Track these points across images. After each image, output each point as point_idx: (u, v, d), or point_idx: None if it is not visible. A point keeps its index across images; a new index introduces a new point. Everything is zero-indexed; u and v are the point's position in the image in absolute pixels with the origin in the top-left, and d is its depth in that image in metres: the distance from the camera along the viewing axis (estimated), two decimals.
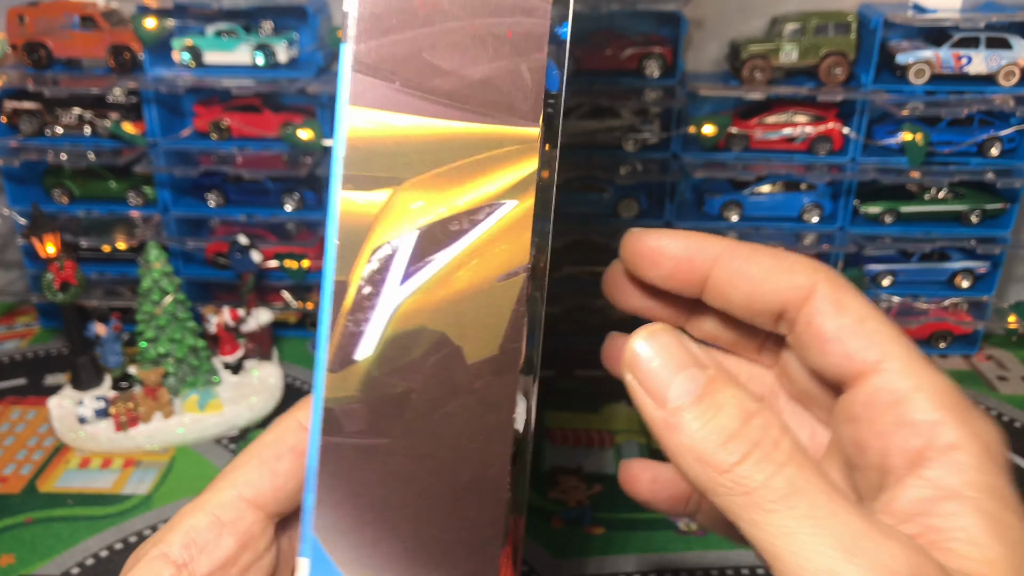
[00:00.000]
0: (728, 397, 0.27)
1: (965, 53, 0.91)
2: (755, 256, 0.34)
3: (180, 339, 0.89)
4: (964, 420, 0.28)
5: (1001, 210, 0.98)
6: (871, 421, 0.30)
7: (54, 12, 0.96)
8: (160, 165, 0.97)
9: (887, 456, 0.29)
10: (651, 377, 0.28)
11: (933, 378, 0.30)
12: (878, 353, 0.30)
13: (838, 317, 0.31)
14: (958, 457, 0.28)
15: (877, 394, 0.30)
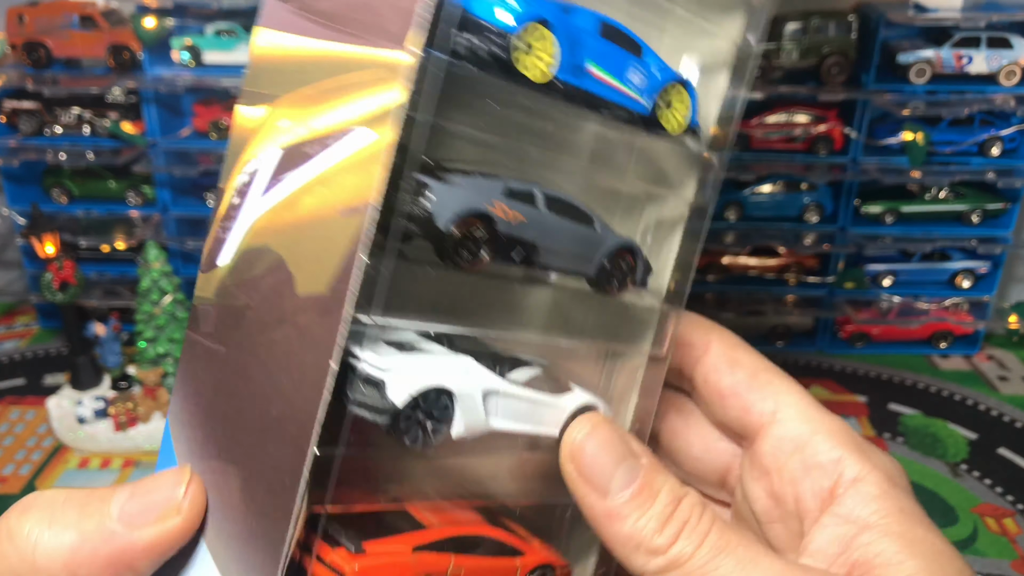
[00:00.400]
0: (661, 483, 0.31)
1: (966, 53, 0.91)
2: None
3: (179, 339, 0.89)
4: (863, 454, 0.32)
5: (1002, 210, 0.98)
6: (779, 470, 0.33)
7: (53, 12, 0.96)
8: (159, 165, 0.97)
9: (801, 501, 0.32)
10: (593, 470, 0.31)
11: (828, 420, 0.33)
12: (773, 404, 0.33)
13: (732, 373, 0.35)
14: (863, 488, 0.31)
15: (780, 443, 0.33)
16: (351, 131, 0.27)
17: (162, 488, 0.29)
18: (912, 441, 0.89)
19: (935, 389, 0.98)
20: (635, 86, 0.33)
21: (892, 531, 0.29)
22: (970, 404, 0.95)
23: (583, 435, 0.31)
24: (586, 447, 0.31)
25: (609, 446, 0.31)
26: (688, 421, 0.37)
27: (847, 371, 1.00)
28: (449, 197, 0.30)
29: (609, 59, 0.32)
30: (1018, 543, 0.75)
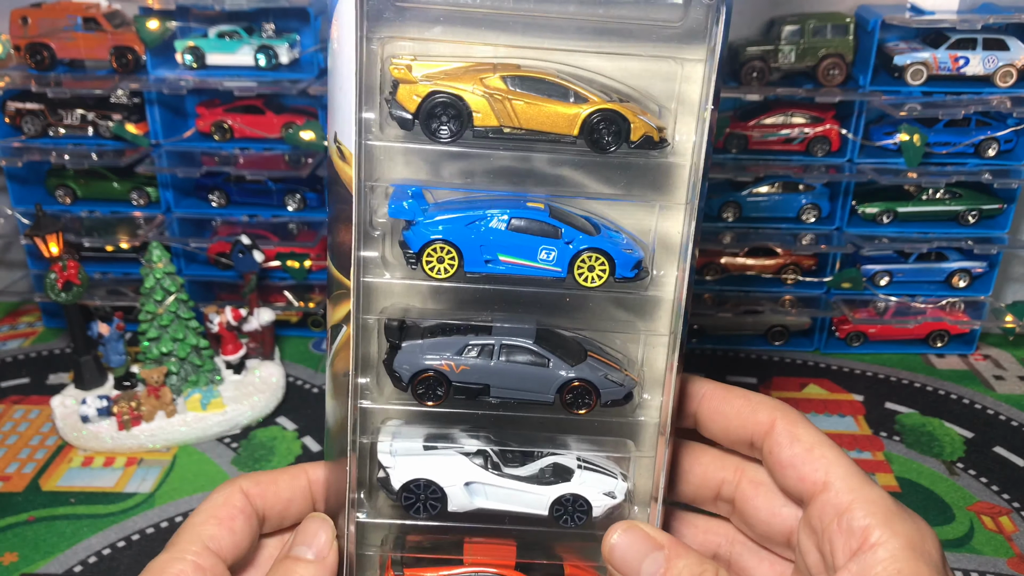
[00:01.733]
0: (681, 568, 0.39)
1: (962, 54, 0.91)
2: (728, 397, 0.43)
3: (182, 338, 0.90)
4: (890, 522, 0.38)
5: (998, 210, 0.98)
6: (824, 531, 0.40)
7: (57, 14, 0.97)
8: (163, 166, 0.98)
9: (835, 557, 0.39)
10: (624, 567, 0.40)
11: (868, 491, 0.39)
12: (824, 474, 0.40)
13: (792, 447, 0.42)
14: (878, 552, 0.37)
15: (825, 508, 0.40)
16: None
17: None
18: (908, 440, 0.89)
19: (931, 388, 0.98)
20: (547, 260, 0.43)
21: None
22: (966, 403, 0.95)
23: (615, 539, 0.40)
24: (615, 550, 0.40)
25: (635, 545, 0.40)
26: (759, 490, 0.45)
27: (844, 370, 1.01)
28: (409, 356, 0.44)
29: (517, 247, 0.43)
30: (1014, 541, 0.76)
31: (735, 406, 0.44)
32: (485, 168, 0.41)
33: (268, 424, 0.92)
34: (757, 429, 0.42)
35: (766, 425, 0.42)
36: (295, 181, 1.01)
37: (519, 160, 0.41)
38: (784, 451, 0.41)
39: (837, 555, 0.38)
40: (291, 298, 1.05)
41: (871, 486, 0.39)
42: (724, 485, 0.44)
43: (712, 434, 0.45)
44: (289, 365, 1.02)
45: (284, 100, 1.02)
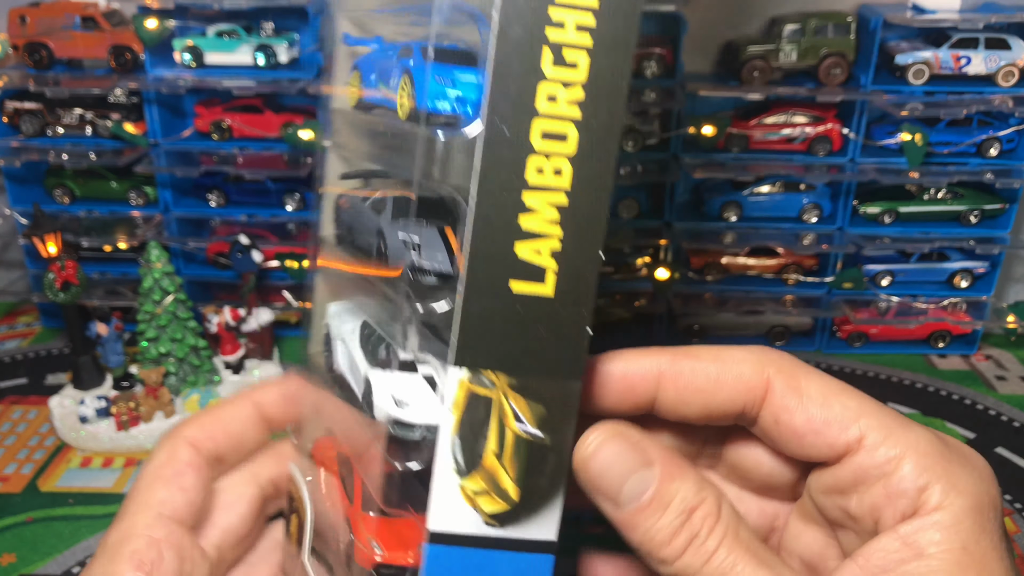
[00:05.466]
0: (673, 493, 0.30)
1: (964, 54, 0.91)
2: (698, 368, 0.33)
3: (181, 339, 0.89)
4: (949, 479, 0.29)
5: (1000, 210, 0.98)
6: (861, 495, 0.31)
7: (55, 13, 0.96)
8: (161, 165, 0.97)
9: (880, 521, 0.30)
10: (601, 483, 0.31)
11: (915, 439, 0.30)
12: (856, 431, 0.31)
13: (804, 409, 0.32)
14: (936, 517, 0.29)
15: (864, 470, 0.31)
16: None
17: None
18: None
19: (933, 389, 0.98)
20: (393, 88, 0.37)
21: (942, 569, 0.29)
22: (968, 403, 0.95)
23: (592, 446, 0.31)
24: (592, 461, 0.31)
25: (618, 460, 0.31)
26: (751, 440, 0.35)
27: (845, 371, 1.01)
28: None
29: (388, 74, 0.37)
30: (1016, 542, 0.75)
31: (710, 377, 0.33)
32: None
33: None
34: (749, 396, 0.33)
35: (759, 388, 0.33)
36: (294, 181, 1.01)
37: None
38: (796, 417, 0.32)
39: (885, 520, 0.30)
40: (290, 298, 1.05)
41: (915, 430, 0.31)
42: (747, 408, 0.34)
43: (684, 418, 0.34)
44: (288, 365, 1.01)
45: (283, 99, 1.02)
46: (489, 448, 0.30)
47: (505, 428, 0.30)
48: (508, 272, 0.29)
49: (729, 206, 1.00)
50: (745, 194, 1.00)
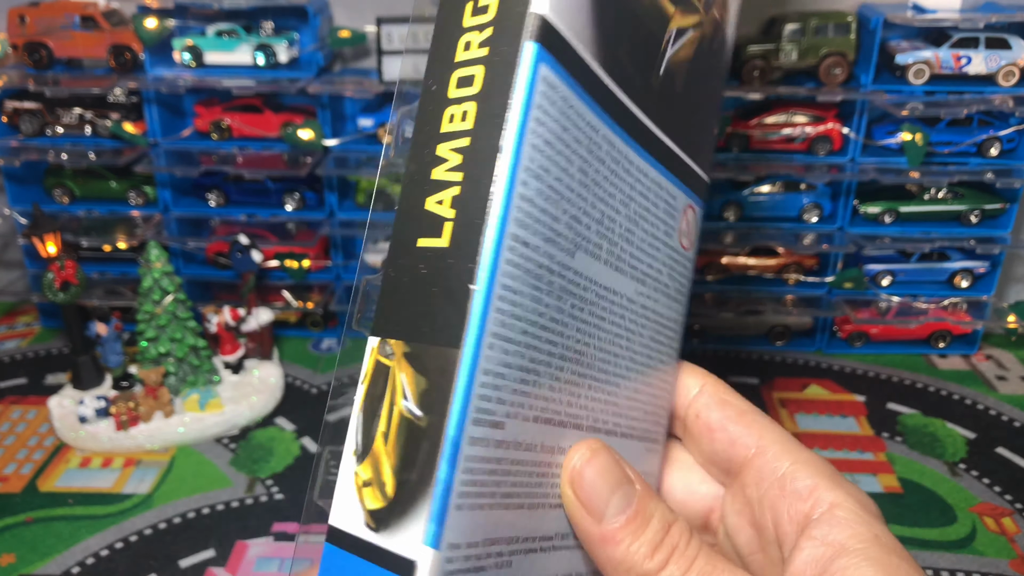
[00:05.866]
0: (653, 509, 0.32)
1: (964, 53, 0.91)
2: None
3: (181, 339, 0.89)
4: (838, 483, 0.33)
5: (1000, 210, 0.98)
6: (760, 499, 0.35)
7: (55, 12, 0.96)
8: (161, 165, 0.97)
9: (779, 526, 0.34)
10: (591, 496, 0.31)
11: (806, 454, 0.35)
12: (757, 439, 0.36)
13: (722, 410, 0.37)
14: (839, 514, 0.32)
15: (761, 473, 0.35)
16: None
17: None
18: (911, 440, 0.89)
19: (934, 388, 0.98)
20: None
21: (870, 557, 0.30)
22: (968, 403, 0.95)
23: (582, 462, 0.31)
24: (584, 473, 0.31)
25: (606, 473, 0.31)
26: (672, 467, 0.39)
27: (846, 371, 1.01)
28: None
29: None
30: (1016, 542, 0.75)
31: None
32: None
33: (267, 425, 0.91)
34: (683, 397, 0.38)
35: (693, 389, 0.37)
36: (294, 181, 1.01)
37: None
38: (714, 413, 0.36)
39: (782, 523, 0.33)
40: (290, 298, 1.04)
41: (807, 450, 0.35)
42: (679, 408, 0.39)
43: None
44: (288, 365, 1.01)
45: (283, 99, 1.02)
46: (380, 429, 0.26)
47: (394, 405, 0.26)
48: (416, 228, 0.26)
49: (729, 206, 1.00)
50: (745, 194, 1.00)
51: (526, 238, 0.26)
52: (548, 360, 0.28)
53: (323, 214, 1.01)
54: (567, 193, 0.27)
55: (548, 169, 0.26)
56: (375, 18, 0.95)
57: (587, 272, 0.29)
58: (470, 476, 0.25)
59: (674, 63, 0.32)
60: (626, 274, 0.32)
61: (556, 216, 0.27)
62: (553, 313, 0.28)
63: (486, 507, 0.26)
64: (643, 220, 0.32)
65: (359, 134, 0.99)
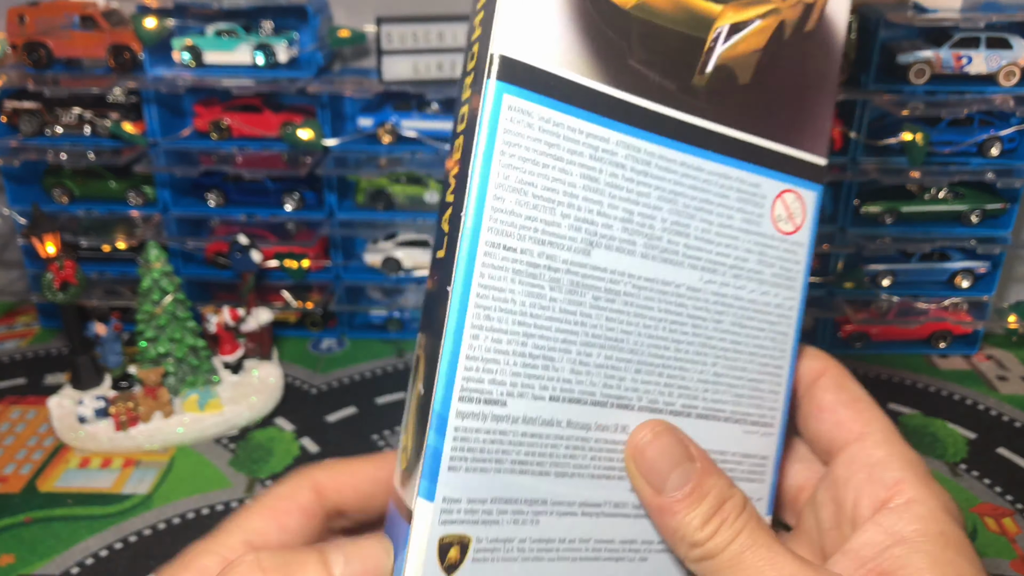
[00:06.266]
0: (711, 487, 0.34)
1: (965, 53, 0.91)
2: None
3: (180, 339, 0.89)
4: (925, 482, 0.35)
5: (1001, 210, 0.98)
6: (848, 479, 0.36)
7: (54, 12, 0.96)
8: (160, 165, 0.97)
9: (857, 507, 0.35)
10: (652, 471, 0.34)
11: (904, 449, 0.36)
12: (863, 426, 0.37)
13: (836, 394, 0.38)
14: (913, 508, 0.34)
15: (856, 458, 0.36)
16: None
17: (374, 557, 0.32)
18: (911, 441, 0.88)
19: (934, 389, 0.98)
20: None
21: (925, 550, 0.32)
22: (969, 404, 0.95)
23: (644, 442, 0.34)
24: (646, 452, 0.34)
25: (668, 452, 0.34)
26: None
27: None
28: None
29: None
30: (1017, 542, 0.75)
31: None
32: None
33: (266, 425, 0.91)
34: (807, 377, 0.39)
35: (816, 372, 0.39)
36: (293, 180, 1.01)
37: None
38: (828, 395, 0.39)
39: (861, 505, 0.35)
40: (289, 298, 1.04)
41: (907, 446, 0.37)
42: (800, 386, 0.41)
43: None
44: (287, 365, 1.01)
45: (282, 99, 1.01)
46: (409, 405, 0.32)
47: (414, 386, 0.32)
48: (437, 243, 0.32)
49: None
50: None
51: (508, 243, 0.30)
52: (565, 347, 0.31)
53: (323, 214, 1.01)
54: (565, 199, 0.31)
55: (531, 182, 0.30)
56: (375, 18, 0.95)
57: (614, 266, 0.32)
58: (462, 443, 0.30)
59: (732, 57, 0.33)
60: (681, 264, 0.34)
61: (552, 221, 0.31)
62: (564, 306, 0.31)
63: (490, 471, 0.31)
64: (703, 212, 0.34)
65: (359, 134, 0.99)
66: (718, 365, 0.36)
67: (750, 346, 0.36)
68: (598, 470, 0.33)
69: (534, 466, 0.32)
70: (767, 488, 0.39)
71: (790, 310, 0.38)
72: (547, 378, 0.31)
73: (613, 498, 0.34)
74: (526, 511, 0.32)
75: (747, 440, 0.38)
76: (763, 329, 0.37)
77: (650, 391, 0.34)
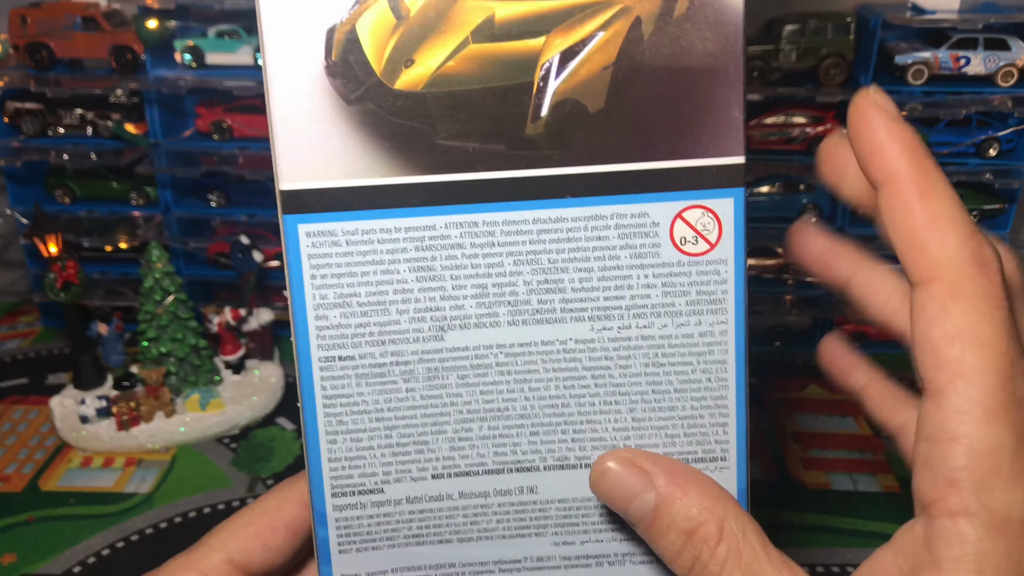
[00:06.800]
0: (673, 516, 0.31)
1: (963, 54, 0.91)
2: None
3: (182, 338, 0.89)
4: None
5: (999, 210, 0.98)
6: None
7: (56, 13, 0.97)
8: (162, 165, 0.97)
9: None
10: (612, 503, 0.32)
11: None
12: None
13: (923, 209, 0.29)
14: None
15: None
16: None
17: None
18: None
19: None
20: None
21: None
22: None
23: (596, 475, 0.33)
24: (598, 487, 0.33)
25: (616, 488, 0.32)
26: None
27: None
28: None
29: None
30: None
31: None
32: None
33: (267, 424, 0.91)
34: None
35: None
36: None
37: None
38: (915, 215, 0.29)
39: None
40: None
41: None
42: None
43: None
44: (288, 365, 1.01)
45: None
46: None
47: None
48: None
49: None
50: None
51: (343, 354, 0.31)
52: (438, 429, 0.33)
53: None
54: (398, 297, 0.31)
55: (353, 293, 0.31)
56: None
57: (476, 342, 0.32)
58: (346, 531, 0.33)
59: (572, 88, 0.30)
60: (562, 321, 0.32)
61: (388, 321, 0.31)
62: (426, 392, 0.32)
63: (383, 548, 0.33)
64: (577, 262, 0.32)
65: None
66: (636, 411, 0.33)
67: (676, 383, 0.33)
68: (509, 531, 0.34)
69: (431, 537, 0.33)
70: None
71: (722, 335, 0.33)
72: (424, 460, 0.33)
73: (535, 553, 0.34)
74: (433, 574, 0.34)
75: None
76: (690, 363, 0.33)
77: (555, 450, 0.33)
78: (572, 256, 0.31)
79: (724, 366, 0.34)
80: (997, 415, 0.26)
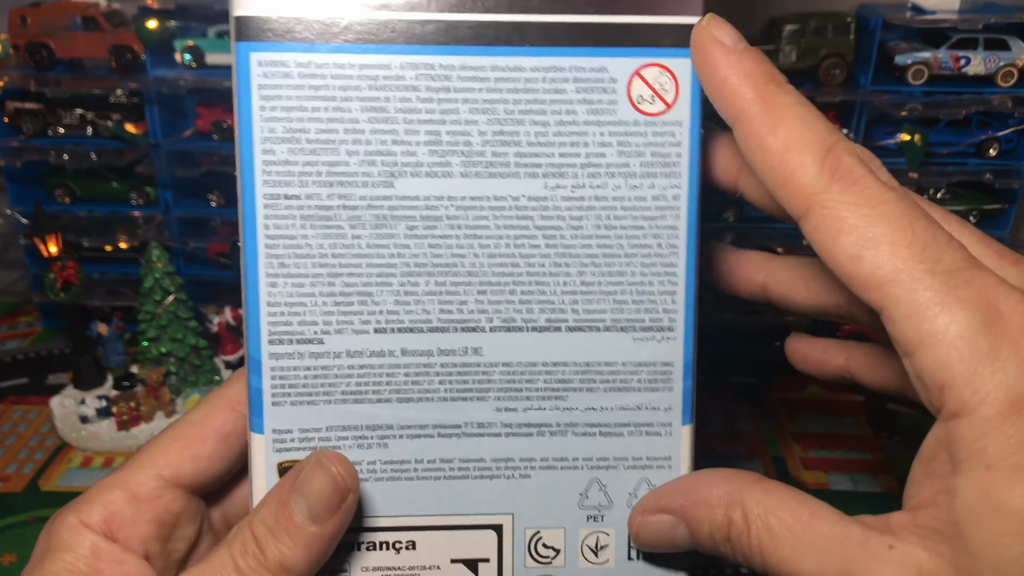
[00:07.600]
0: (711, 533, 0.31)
1: (963, 54, 0.91)
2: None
3: (182, 338, 0.89)
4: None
5: (999, 210, 0.98)
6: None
7: (56, 13, 0.97)
8: (162, 165, 0.97)
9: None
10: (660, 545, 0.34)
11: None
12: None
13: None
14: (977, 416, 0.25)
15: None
16: None
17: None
18: (910, 439, 0.89)
19: None
20: None
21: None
22: None
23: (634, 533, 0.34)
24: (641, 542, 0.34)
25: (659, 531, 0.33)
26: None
27: None
28: None
29: None
30: None
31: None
32: None
33: None
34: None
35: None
36: None
37: None
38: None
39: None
40: None
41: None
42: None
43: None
44: None
45: None
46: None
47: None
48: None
49: (729, 206, 1.00)
50: None
51: (289, 192, 0.31)
52: (384, 280, 0.32)
53: None
54: (348, 137, 0.31)
55: (302, 129, 0.30)
56: None
57: (427, 192, 0.31)
58: (281, 381, 0.32)
59: None
60: (516, 176, 0.31)
61: (337, 161, 0.31)
62: (373, 240, 0.31)
63: (319, 403, 0.32)
64: (533, 114, 0.31)
65: None
66: (585, 274, 0.33)
67: (626, 248, 0.33)
68: (451, 393, 0.33)
69: (370, 395, 0.32)
70: (677, 396, 0.35)
71: (675, 199, 0.34)
72: (367, 312, 0.32)
73: (476, 418, 0.33)
74: (369, 436, 0.33)
75: (640, 348, 0.35)
76: (641, 227, 0.33)
77: (502, 311, 0.32)
78: (529, 108, 0.31)
79: (675, 232, 0.34)
80: (945, 301, 0.24)
